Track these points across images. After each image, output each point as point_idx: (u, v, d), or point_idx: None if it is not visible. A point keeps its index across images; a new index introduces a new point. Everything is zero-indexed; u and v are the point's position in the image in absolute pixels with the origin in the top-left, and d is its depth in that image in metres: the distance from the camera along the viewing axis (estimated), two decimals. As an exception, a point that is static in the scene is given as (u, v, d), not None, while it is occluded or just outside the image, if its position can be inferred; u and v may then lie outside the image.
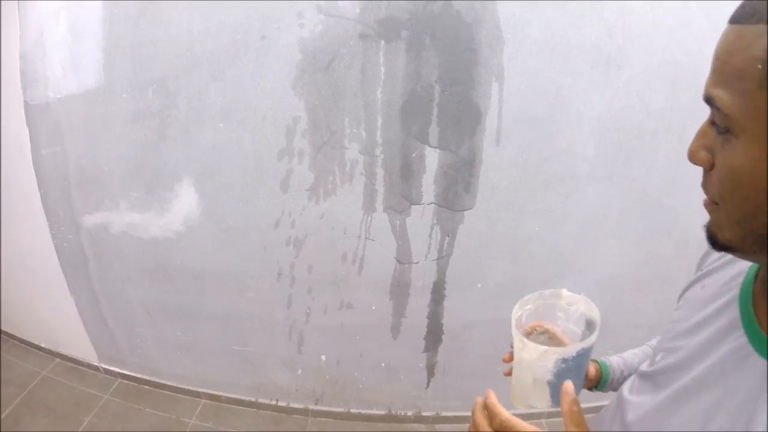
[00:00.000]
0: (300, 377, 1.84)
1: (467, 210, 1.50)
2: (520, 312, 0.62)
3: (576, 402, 0.52)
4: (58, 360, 2.11)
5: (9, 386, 1.93)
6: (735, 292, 0.47)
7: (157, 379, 1.98)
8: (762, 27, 0.33)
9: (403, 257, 1.58)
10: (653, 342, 0.74)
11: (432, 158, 1.44)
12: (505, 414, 0.50)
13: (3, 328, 2.21)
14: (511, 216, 1.50)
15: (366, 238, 1.56)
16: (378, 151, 1.44)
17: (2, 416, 1.79)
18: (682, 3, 1.29)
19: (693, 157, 0.40)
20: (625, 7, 1.27)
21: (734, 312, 0.45)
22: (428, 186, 1.47)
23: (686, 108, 1.41)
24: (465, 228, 1.52)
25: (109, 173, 1.59)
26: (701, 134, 0.40)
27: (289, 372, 1.84)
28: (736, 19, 0.36)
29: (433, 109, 1.38)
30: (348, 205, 1.51)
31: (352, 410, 1.88)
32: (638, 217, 1.50)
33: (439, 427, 1.88)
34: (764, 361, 0.40)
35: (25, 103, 1.57)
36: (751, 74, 0.34)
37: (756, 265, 0.46)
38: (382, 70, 1.34)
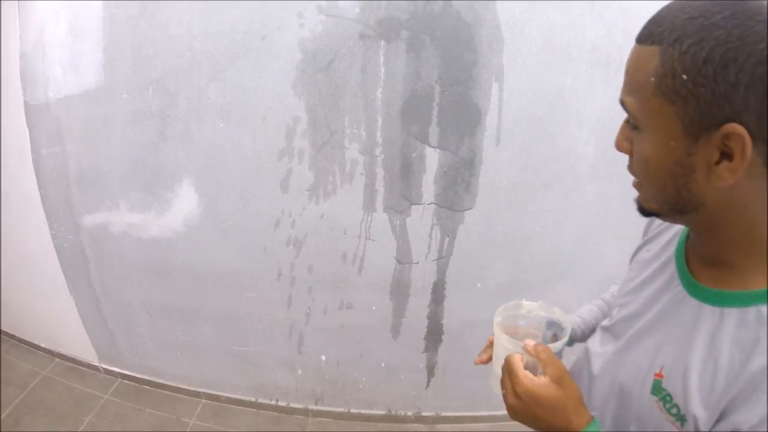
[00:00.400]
0: (300, 377, 1.84)
1: (467, 210, 1.50)
2: (497, 320, 0.70)
3: (542, 346, 0.59)
4: (58, 360, 2.11)
5: (9, 386, 1.93)
6: (673, 250, 0.58)
7: (157, 379, 1.98)
8: (654, 48, 0.43)
9: (403, 257, 1.58)
10: (607, 295, 0.85)
11: (432, 158, 1.44)
12: (526, 380, 0.57)
13: (3, 328, 2.21)
14: (511, 216, 1.50)
15: (366, 238, 1.56)
16: (378, 151, 1.44)
17: (2, 416, 1.79)
18: (682, 3, 1.29)
19: (618, 147, 0.51)
20: (625, 7, 1.27)
21: (672, 267, 0.56)
22: (428, 186, 1.47)
23: (686, 108, 1.41)
24: (465, 228, 1.52)
25: (109, 173, 1.59)
26: (622, 129, 0.50)
27: (289, 372, 1.84)
28: (637, 40, 0.46)
29: (433, 109, 1.38)
30: (348, 205, 1.51)
31: (352, 410, 1.88)
32: (638, 217, 1.49)
33: (439, 427, 1.88)
34: (696, 302, 0.51)
35: (25, 103, 1.57)
36: (647, 85, 0.44)
37: (687, 227, 0.56)
38: (382, 70, 1.34)
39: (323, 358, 1.79)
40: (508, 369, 0.59)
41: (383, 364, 1.79)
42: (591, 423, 0.55)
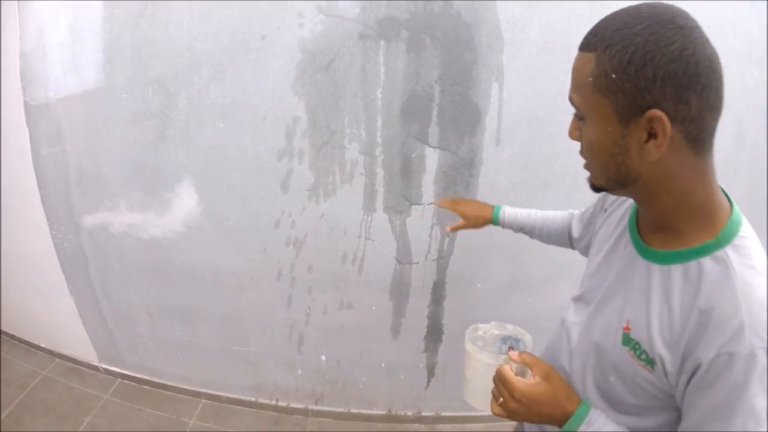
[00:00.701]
0: (300, 377, 1.84)
1: (467, 210, 1.50)
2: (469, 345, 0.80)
3: (525, 353, 0.68)
4: (58, 360, 2.11)
5: (9, 386, 1.93)
6: (626, 222, 0.69)
7: (157, 379, 1.98)
8: (591, 55, 0.54)
9: (403, 257, 1.58)
10: (531, 214, 1.09)
11: (432, 158, 1.44)
12: (522, 385, 0.64)
13: (3, 328, 2.21)
14: (511, 216, 1.50)
15: (366, 238, 1.56)
16: (378, 151, 1.44)
17: (2, 416, 1.79)
18: (682, 3, 1.29)
19: (570, 136, 0.63)
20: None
21: (627, 236, 0.67)
22: (428, 186, 1.47)
23: (686, 108, 1.41)
24: (465, 228, 1.52)
25: (109, 173, 1.59)
26: (573, 121, 0.62)
27: (289, 372, 1.84)
28: (579, 49, 0.57)
29: (433, 109, 1.38)
30: (348, 205, 1.51)
31: (352, 410, 1.88)
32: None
33: (439, 427, 1.88)
34: (647, 263, 0.61)
35: (25, 103, 1.57)
36: (587, 84, 0.55)
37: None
38: (382, 70, 1.34)
39: (323, 358, 1.79)
40: (501, 380, 0.66)
41: (383, 364, 1.79)
42: (581, 404, 0.65)
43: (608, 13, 0.57)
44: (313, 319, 1.71)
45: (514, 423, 0.87)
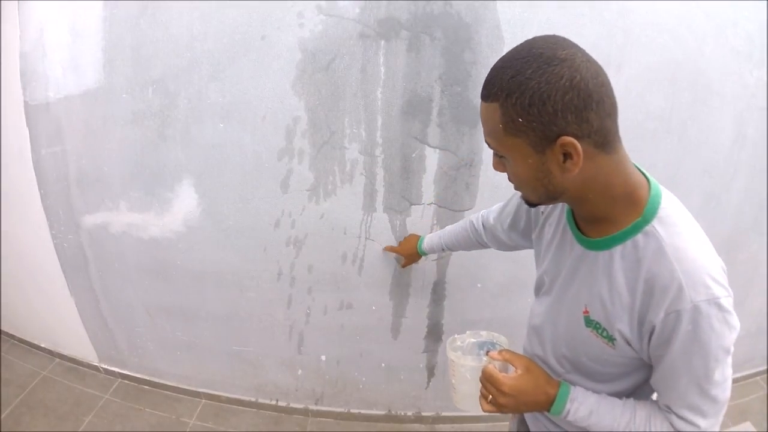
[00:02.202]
0: (300, 377, 1.84)
1: (467, 210, 1.50)
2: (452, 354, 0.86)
3: (505, 350, 0.77)
4: (58, 360, 2.11)
5: (9, 386, 1.94)
6: (565, 220, 0.77)
7: (157, 379, 1.98)
8: (495, 104, 0.60)
9: (403, 257, 1.58)
10: (443, 235, 1.27)
11: (432, 158, 1.44)
12: (508, 380, 0.73)
13: (3, 328, 2.22)
14: (511, 216, 1.50)
15: (366, 238, 1.56)
16: (378, 151, 1.44)
17: (2, 416, 1.79)
18: (682, 3, 1.29)
19: (495, 169, 0.70)
20: (625, 7, 1.27)
21: (569, 232, 0.75)
22: (428, 186, 1.47)
23: (686, 108, 1.41)
24: (465, 228, 1.52)
25: (109, 173, 1.59)
26: (494, 158, 0.69)
27: (289, 372, 1.84)
28: (482, 99, 0.63)
29: (433, 109, 1.38)
30: (348, 205, 1.51)
31: (352, 410, 1.88)
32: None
33: (439, 427, 1.88)
34: (591, 252, 0.70)
35: (25, 103, 1.57)
36: (498, 130, 0.62)
37: None
38: (382, 70, 1.34)
39: (323, 358, 1.79)
40: (488, 378, 0.74)
41: (383, 364, 1.79)
42: (561, 385, 0.74)
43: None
44: (313, 319, 1.71)
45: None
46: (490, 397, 0.75)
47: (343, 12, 1.29)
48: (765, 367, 2.06)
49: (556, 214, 0.80)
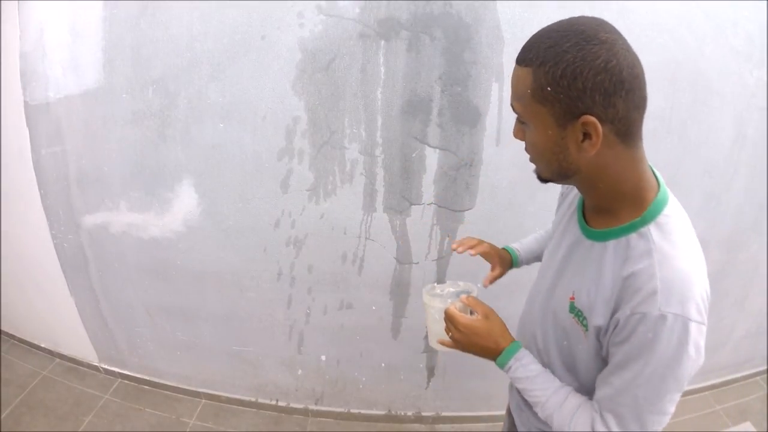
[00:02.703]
0: (300, 377, 1.84)
1: (467, 210, 1.50)
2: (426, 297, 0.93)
3: (471, 297, 0.84)
4: (58, 360, 2.11)
5: (9, 386, 1.94)
6: (574, 207, 0.78)
7: (157, 379, 1.98)
8: (528, 69, 0.61)
9: (403, 257, 1.58)
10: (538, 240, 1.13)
11: (432, 158, 1.44)
12: (463, 319, 0.80)
13: (3, 328, 2.21)
14: (511, 216, 1.50)
15: (366, 238, 1.56)
16: (378, 151, 1.44)
17: (2, 416, 1.79)
18: (682, 3, 1.29)
19: (515, 136, 0.70)
20: (625, 7, 1.27)
21: (575, 219, 0.76)
22: (428, 186, 1.47)
23: (686, 108, 1.41)
24: (465, 228, 1.52)
25: (109, 173, 1.59)
26: (516, 124, 0.68)
27: (289, 372, 1.84)
28: (516, 62, 0.63)
29: (433, 109, 1.38)
30: (348, 205, 1.51)
31: (352, 410, 1.88)
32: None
33: (439, 427, 1.88)
34: (589, 241, 0.71)
35: (25, 103, 1.57)
36: (526, 95, 0.62)
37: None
38: (382, 70, 1.34)
39: (323, 358, 1.79)
40: (448, 317, 0.82)
41: (383, 364, 1.79)
42: (513, 343, 0.79)
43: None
44: (313, 319, 1.71)
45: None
46: (450, 333, 0.83)
47: (343, 12, 1.29)
48: (765, 367, 2.06)
49: (569, 199, 0.82)
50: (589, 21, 0.60)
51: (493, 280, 1.05)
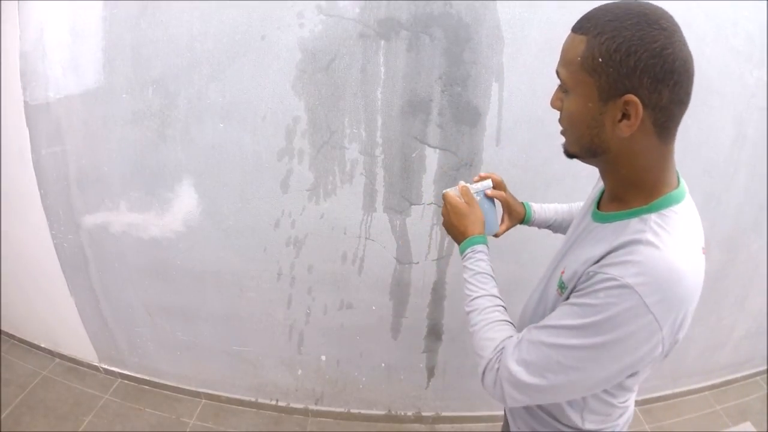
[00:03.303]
0: (300, 377, 1.85)
1: (467, 210, 1.50)
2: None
3: (465, 186, 0.93)
4: (58, 360, 2.11)
5: (9, 386, 1.94)
6: (594, 196, 0.79)
7: (157, 379, 1.98)
8: (583, 37, 0.61)
9: (403, 257, 1.58)
10: (574, 204, 1.11)
11: (432, 158, 1.44)
12: (452, 199, 0.91)
13: (3, 328, 2.21)
14: (511, 216, 1.50)
15: (366, 238, 1.56)
16: (378, 151, 1.44)
17: (2, 416, 1.79)
18: (682, 3, 1.29)
19: (552, 105, 0.69)
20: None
21: (592, 207, 0.76)
22: (428, 186, 1.47)
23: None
24: (465, 228, 1.52)
25: (109, 173, 1.59)
26: (556, 92, 0.68)
27: (289, 372, 1.84)
28: (572, 30, 0.64)
29: (433, 109, 1.38)
30: (348, 205, 1.51)
31: (352, 410, 1.88)
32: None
33: (439, 427, 1.88)
34: (594, 223, 0.72)
35: (25, 103, 1.57)
36: (576, 62, 0.61)
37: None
38: (382, 70, 1.34)
39: (323, 358, 1.80)
40: (444, 196, 0.92)
41: (383, 364, 1.79)
42: (479, 236, 0.87)
43: None
44: (313, 319, 1.71)
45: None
46: (442, 210, 0.93)
47: (343, 12, 1.29)
48: (765, 367, 2.06)
49: (593, 195, 0.81)
50: (654, 7, 0.59)
51: (497, 236, 1.06)
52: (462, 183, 0.94)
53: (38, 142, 1.62)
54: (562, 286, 0.70)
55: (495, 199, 0.98)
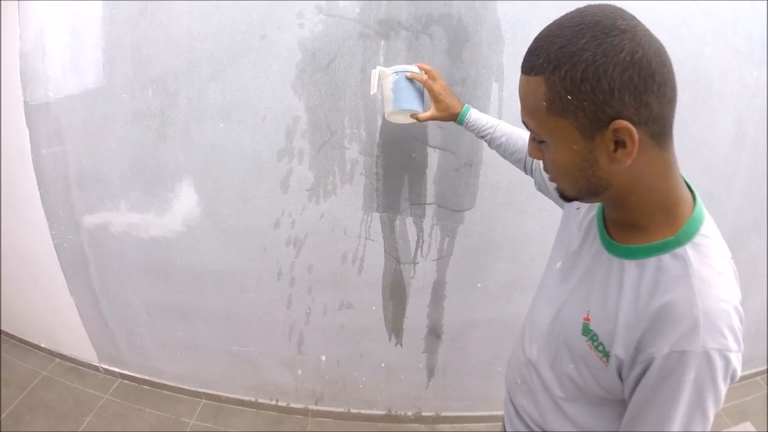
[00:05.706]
0: (300, 377, 1.85)
1: (467, 210, 1.50)
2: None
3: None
4: (58, 360, 2.11)
5: (9, 386, 1.94)
6: (594, 214, 0.69)
7: (157, 379, 1.98)
8: (539, 78, 0.52)
9: (403, 257, 1.58)
10: (497, 123, 1.07)
11: (432, 158, 1.44)
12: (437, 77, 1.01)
13: (3, 328, 2.22)
14: (511, 216, 1.50)
15: (366, 238, 1.56)
16: (378, 151, 1.44)
17: (2, 416, 1.79)
18: (682, 3, 1.29)
19: (531, 155, 0.61)
20: (625, 8, 1.27)
21: (595, 228, 0.67)
22: (428, 186, 1.47)
23: (686, 108, 1.41)
24: (465, 228, 1.52)
25: (109, 173, 1.59)
26: (530, 141, 0.61)
27: (289, 372, 1.84)
28: (522, 72, 0.55)
29: (433, 109, 1.37)
30: (348, 205, 1.51)
31: (352, 410, 1.88)
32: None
33: (439, 427, 1.88)
34: (610, 256, 0.62)
35: (25, 103, 1.57)
36: (541, 108, 0.53)
37: None
38: (382, 70, 1.34)
39: (323, 358, 1.80)
40: (427, 71, 1.06)
41: (383, 364, 1.79)
42: (464, 106, 1.02)
43: None
44: (313, 319, 1.71)
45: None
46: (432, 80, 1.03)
47: (343, 12, 1.29)
48: (765, 367, 2.06)
49: (587, 204, 0.74)
50: (601, 9, 0.51)
51: (419, 119, 1.09)
52: (380, 67, 1.08)
53: (38, 142, 1.62)
54: (594, 340, 0.61)
55: (419, 84, 1.08)
